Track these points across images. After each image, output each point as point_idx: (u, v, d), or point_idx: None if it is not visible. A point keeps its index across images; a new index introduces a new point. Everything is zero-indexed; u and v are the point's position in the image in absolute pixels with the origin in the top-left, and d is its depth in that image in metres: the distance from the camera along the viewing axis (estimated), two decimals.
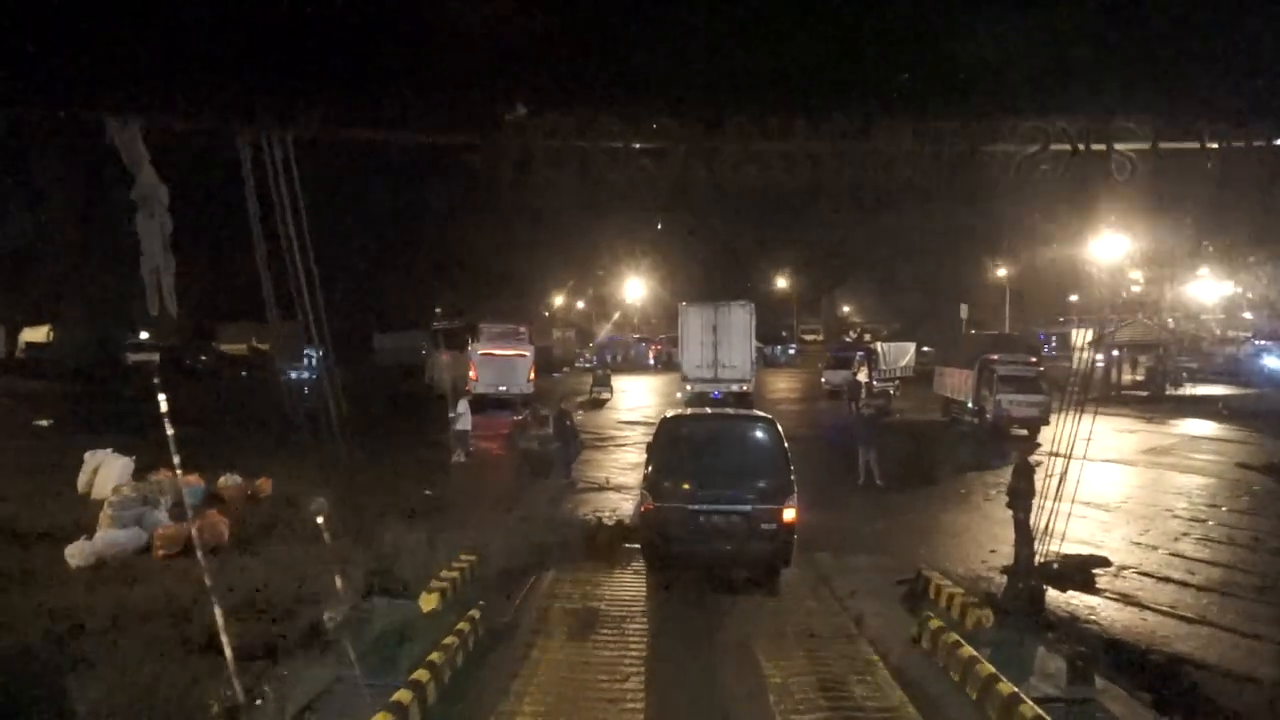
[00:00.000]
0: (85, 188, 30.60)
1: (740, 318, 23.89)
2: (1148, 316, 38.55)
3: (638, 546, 11.62)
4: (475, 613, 7.48)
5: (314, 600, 8.68)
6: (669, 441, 10.21)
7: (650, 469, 10.11)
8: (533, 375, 27.95)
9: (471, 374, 27.50)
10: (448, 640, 6.84)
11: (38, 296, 42.86)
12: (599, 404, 32.08)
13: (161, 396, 6.08)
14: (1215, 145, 8.86)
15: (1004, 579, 11.05)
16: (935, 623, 7.17)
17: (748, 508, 9.53)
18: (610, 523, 13.15)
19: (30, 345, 47.21)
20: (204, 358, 50.39)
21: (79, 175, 29.50)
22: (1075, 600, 10.30)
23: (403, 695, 5.84)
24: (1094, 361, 36.21)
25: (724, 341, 23.39)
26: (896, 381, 38.71)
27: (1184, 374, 36.79)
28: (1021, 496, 11.43)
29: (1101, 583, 11.05)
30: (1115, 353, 36.79)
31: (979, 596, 9.58)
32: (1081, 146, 8.81)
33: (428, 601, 8.07)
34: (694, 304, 25.14)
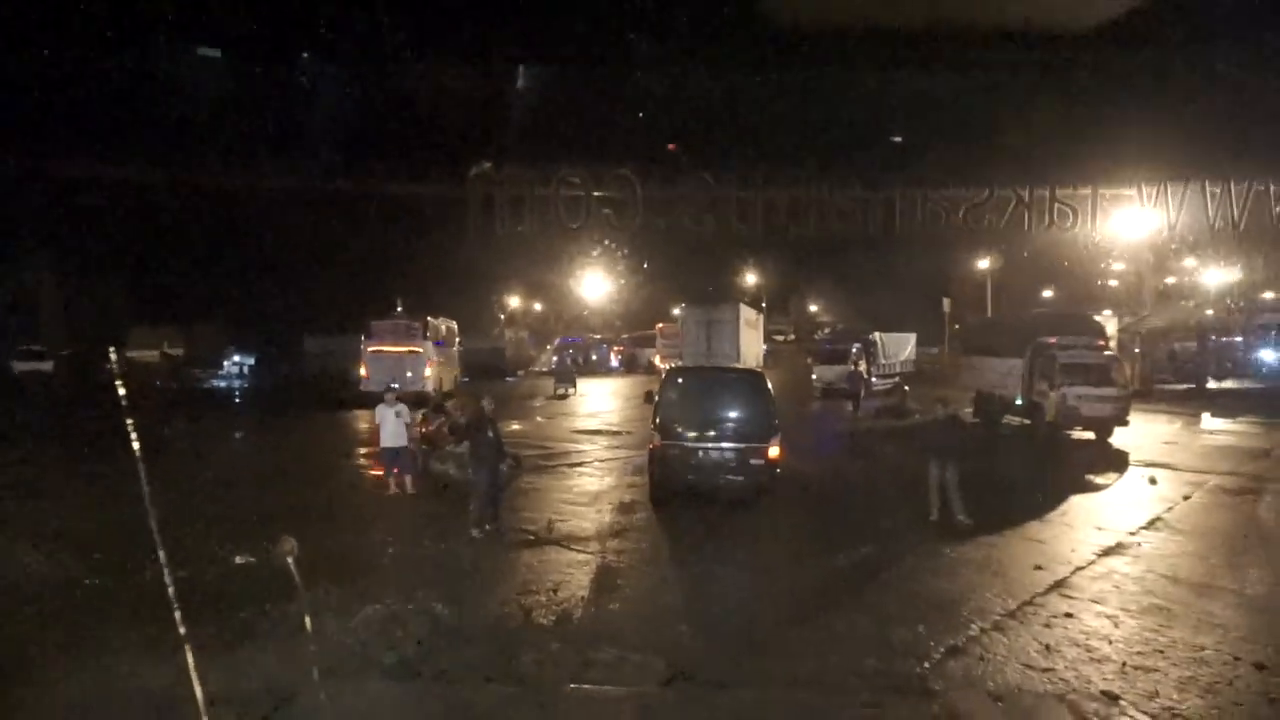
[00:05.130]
0: None
1: (729, 315, 26.42)
2: (1187, 303, 33.56)
3: (589, 687, 5.87)
4: None
5: None
6: (674, 390, 11.67)
7: (658, 413, 11.24)
8: (428, 373, 25.89)
9: (362, 372, 25.58)
10: None
11: None
12: (562, 399, 30.27)
13: None
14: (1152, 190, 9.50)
15: None
16: None
17: (740, 445, 10.90)
18: (548, 619, 7.24)
19: None
20: (109, 365, 43.93)
21: None
22: None
23: None
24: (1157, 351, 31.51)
25: (716, 335, 25.67)
26: (897, 378, 33.34)
27: (1228, 364, 31.98)
28: None
29: None
30: (1177, 345, 31.84)
31: None
32: (1025, 194, 9.33)
33: None
34: (691, 306, 28.27)
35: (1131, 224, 11.21)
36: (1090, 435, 19.07)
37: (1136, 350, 32.58)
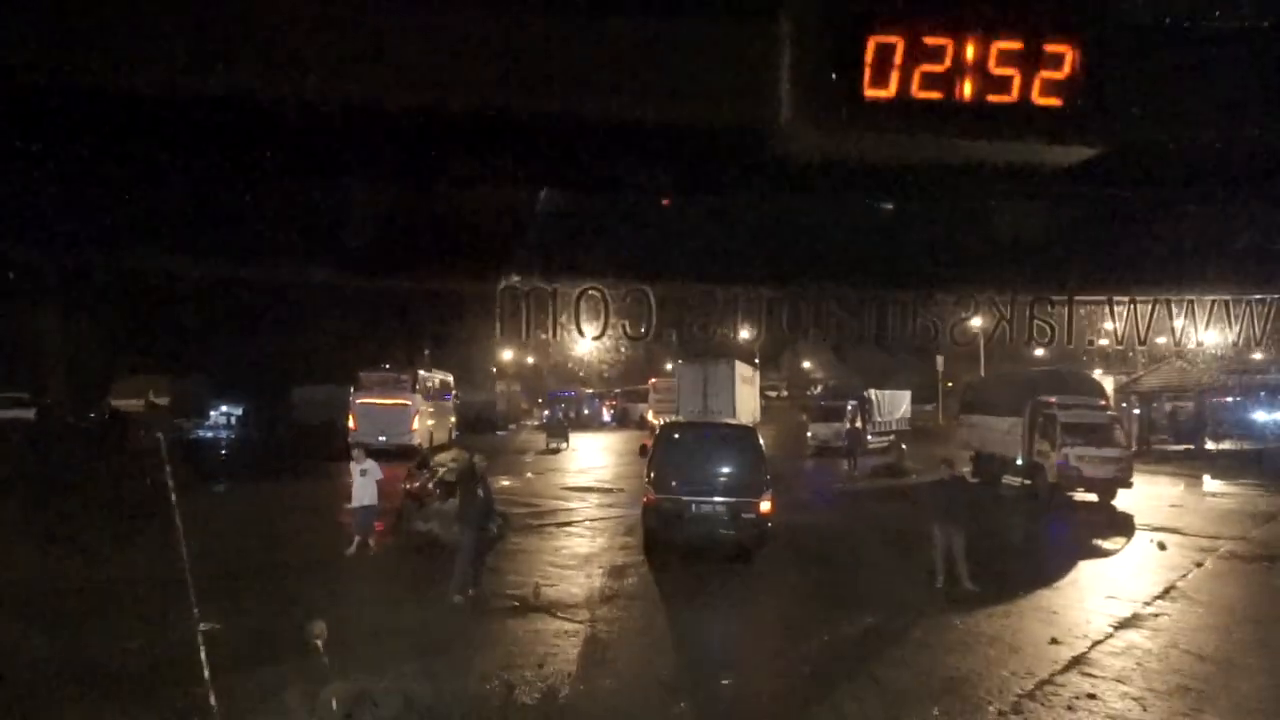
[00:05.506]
0: None
1: (725, 372, 26.33)
2: (1181, 360, 33.42)
3: None
4: None
5: None
6: (668, 445, 12.02)
7: (652, 468, 11.64)
8: (415, 425, 25.73)
9: (351, 424, 25.18)
10: None
11: None
12: (554, 453, 30.12)
13: None
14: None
15: None
16: None
17: (732, 499, 11.18)
18: (533, 698, 6.68)
19: None
20: (93, 415, 43.39)
21: None
22: None
23: None
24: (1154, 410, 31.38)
25: (712, 392, 25.64)
26: (893, 435, 33.01)
27: (1225, 425, 31.68)
28: None
29: None
30: (1172, 405, 31.62)
31: None
32: (1008, 312, 9.37)
33: None
34: (687, 363, 27.86)
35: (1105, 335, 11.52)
36: (1093, 497, 18.64)
37: (1136, 411, 32.36)
